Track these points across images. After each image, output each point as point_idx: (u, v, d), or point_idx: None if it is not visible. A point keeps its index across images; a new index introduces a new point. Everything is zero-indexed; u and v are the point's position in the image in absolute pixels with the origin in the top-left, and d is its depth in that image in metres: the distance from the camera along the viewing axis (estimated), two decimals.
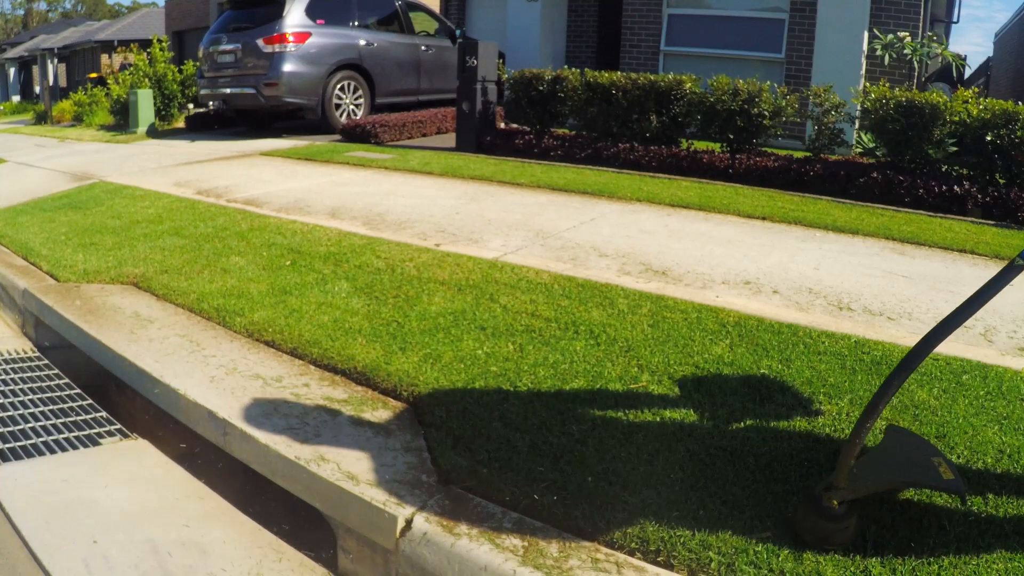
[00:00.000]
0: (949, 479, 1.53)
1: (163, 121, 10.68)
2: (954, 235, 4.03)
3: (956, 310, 1.48)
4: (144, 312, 2.78)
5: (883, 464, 1.64)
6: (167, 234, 3.91)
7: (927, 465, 1.58)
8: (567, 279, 3.03)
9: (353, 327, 2.50)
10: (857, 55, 7.72)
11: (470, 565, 1.42)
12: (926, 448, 1.66)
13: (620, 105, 6.29)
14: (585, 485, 1.61)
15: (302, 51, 8.24)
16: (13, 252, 3.84)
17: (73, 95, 14.50)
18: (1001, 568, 1.36)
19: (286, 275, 3.10)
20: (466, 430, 1.83)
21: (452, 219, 4.19)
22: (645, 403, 1.96)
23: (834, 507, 1.48)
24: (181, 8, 20.34)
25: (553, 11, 10.81)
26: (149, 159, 7.25)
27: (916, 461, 1.61)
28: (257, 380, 2.17)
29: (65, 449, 2.11)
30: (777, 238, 3.87)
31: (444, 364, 2.19)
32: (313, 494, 1.71)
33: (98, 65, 24.16)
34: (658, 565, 1.39)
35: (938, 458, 1.60)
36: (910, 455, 1.64)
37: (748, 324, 2.53)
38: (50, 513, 1.79)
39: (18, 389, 2.52)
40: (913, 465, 1.61)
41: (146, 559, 1.63)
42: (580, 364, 2.21)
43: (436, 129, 8.56)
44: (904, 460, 1.64)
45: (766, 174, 5.50)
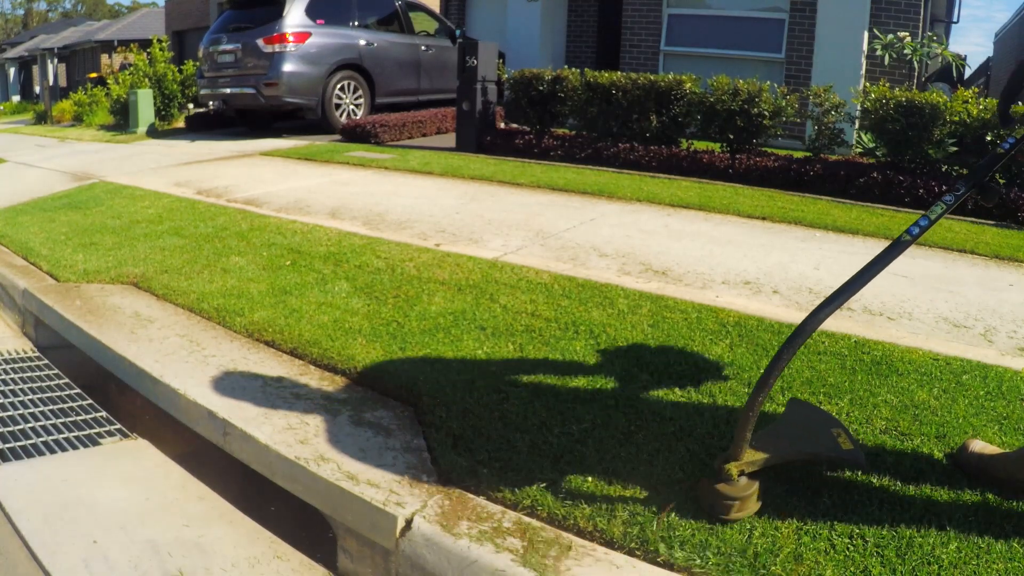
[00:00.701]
0: (848, 449, 1.56)
1: (163, 121, 10.68)
2: (954, 235, 4.03)
3: (847, 283, 1.53)
4: (144, 312, 2.78)
5: (782, 436, 1.67)
6: (167, 234, 3.91)
7: (826, 436, 1.61)
8: (567, 279, 3.03)
9: (353, 327, 2.50)
10: (857, 55, 7.72)
11: (470, 565, 1.42)
12: (827, 420, 1.68)
13: (620, 105, 6.29)
14: (585, 485, 1.61)
15: (302, 51, 8.24)
16: (13, 252, 3.84)
17: (73, 95, 14.50)
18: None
19: (286, 275, 3.10)
20: (466, 430, 1.83)
21: (452, 219, 4.19)
22: (645, 403, 1.96)
23: (733, 478, 1.51)
24: (181, 8, 20.34)
25: (553, 11, 10.80)
26: (149, 159, 7.25)
27: (816, 433, 1.64)
28: (257, 380, 2.17)
29: (65, 449, 2.11)
30: (777, 238, 3.87)
31: (444, 364, 2.19)
32: (313, 494, 1.71)
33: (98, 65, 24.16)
34: (658, 565, 1.39)
35: (838, 429, 1.62)
36: (810, 427, 1.66)
37: (748, 324, 2.53)
38: (50, 513, 1.79)
39: (18, 389, 2.52)
40: (812, 437, 1.63)
41: (146, 559, 1.63)
42: (580, 364, 2.21)
43: (436, 129, 8.56)
44: (804, 432, 1.66)
45: (766, 174, 5.50)
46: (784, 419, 1.73)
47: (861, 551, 1.40)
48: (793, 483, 1.61)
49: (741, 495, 1.51)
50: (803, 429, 1.67)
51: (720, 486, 1.52)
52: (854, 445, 1.57)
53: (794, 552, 1.39)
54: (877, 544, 1.41)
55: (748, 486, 1.52)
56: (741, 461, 1.52)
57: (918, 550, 1.40)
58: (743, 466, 1.52)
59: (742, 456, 1.52)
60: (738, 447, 1.52)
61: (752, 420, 1.50)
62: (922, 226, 1.52)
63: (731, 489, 1.51)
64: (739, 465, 1.52)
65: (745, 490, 1.51)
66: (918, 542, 1.42)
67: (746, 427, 1.50)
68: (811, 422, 1.68)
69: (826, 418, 1.69)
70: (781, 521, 1.49)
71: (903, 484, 1.60)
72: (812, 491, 1.58)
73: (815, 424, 1.66)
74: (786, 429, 1.69)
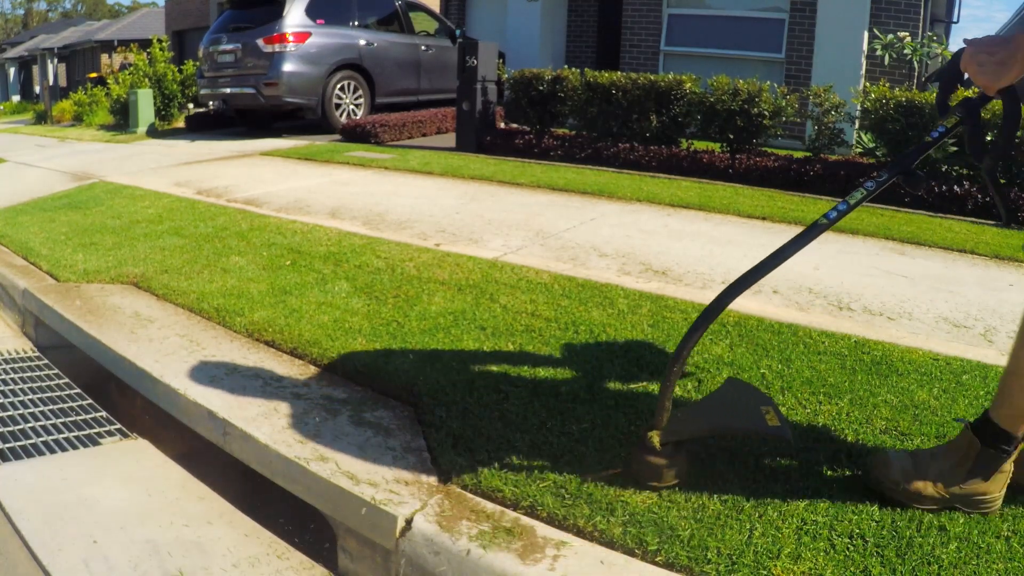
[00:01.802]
0: (774, 426, 1.59)
1: (163, 121, 10.68)
2: (954, 235, 4.03)
3: (761, 262, 1.58)
4: (144, 312, 2.78)
5: (709, 410, 1.74)
6: (167, 234, 3.91)
7: (754, 412, 1.64)
8: (567, 279, 3.03)
9: (353, 327, 2.50)
10: (857, 55, 7.72)
11: (470, 565, 1.42)
12: (758, 398, 1.70)
13: (620, 105, 6.29)
14: (585, 485, 1.61)
15: (302, 51, 8.25)
16: (13, 252, 3.84)
17: (73, 95, 14.51)
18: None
19: (286, 275, 3.10)
20: (466, 430, 1.83)
21: (452, 219, 4.19)
22: (645, 403, 1.96)
23: (656, 447, 1.58)
24: (181, 8, 20.34)
25: (553, 11, 10.81)
26: (149, 159, 7.25)
27: (744, 408, 1.67)
28: (257, 380, 2.17)
29: (65, 449, 2.11)
30: (777, 238, 3.87)
31: (444, 364, 2.19)
32: (313, 494, 1.71)
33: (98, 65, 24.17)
34: (657, 565, 1.39)
35: (767, 407, 1.65)
36: (739, 403, 1.70)
37: (748, 324, 2.53)
38: (50, 513, 1.79)
39: (18, 389, 2.52)
40: (739, 412, 1.67)
41: (146, 559, 1.63)
42: (580, 364, 2.21)
43: (436, 129, 8.56)
44: (732, 407, 1.70)
45: (766, 174, 5.51)
46: (716, 394, 1.79)
47: (861, 551, 1.40)
48: (792, 482, 1.61)
49: (667, 463, 1.59)
50: (732, 404, 1.71)
51: (645, 455, 1.60)
52: (781, 423, 1.60)
53: (793, 552, 1.39)
54: (877, 544, 1.41)
55: (674, 454, 1.59)
56: (665, 431, 1.59)
57: (918, 550, 1.40)
58: (667, 436, 1.59)
59: (664, 425, 1.60)
60: (659, 416, 1.60)
61: (670, 390, 1.57)
62: (840, 211, 1.56)
63: (656, 458, 1.59)
64: (663, 435, 1.59)
65: (670, 458, 1.59)
66: (918, 542, 1.42)
67: (665, 397, 1.57)
68: (742, 398, 1.72)
69: (758, 396, 1.72)
70: (776, 517, 1.49)
71: None
72: (812, 490, 1.58)
73: (745, 400, 1.70)
74: (715, 403, 1.75)
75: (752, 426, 1.62)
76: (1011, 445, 1.49)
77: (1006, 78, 1.38)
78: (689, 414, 1.71)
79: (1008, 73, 1.38)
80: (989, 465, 1.49)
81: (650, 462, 1.59)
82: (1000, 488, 1.51)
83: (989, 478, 1.49)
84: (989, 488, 1.50)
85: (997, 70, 1.38)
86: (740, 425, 1.66)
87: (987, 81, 1.41)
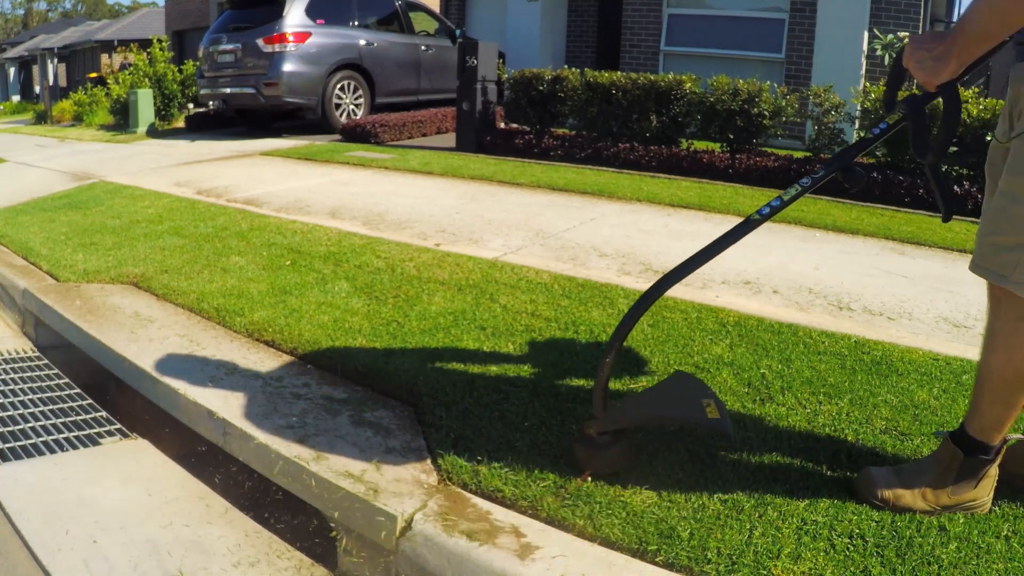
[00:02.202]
0: (713, 418, 1.61)
1: (163, 121, 10.68)
2: (954, 235, 4.03)
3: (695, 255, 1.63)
4: (144, 312, 2.78)
5: (650, 400, 1.76)
6: (167, 234, 3.91)
7: (694, 404, 1.66)
8: (567, 279, 3.03)
9: (353, 327, 2.50)
10: (857, 55, 7.72)
11: (470, 565, 1.42)
12: (701, 391, 1.71)
13: (620, 105, 6.29)
14: (585, 485, 1.61)
15: (302, 51, 8.25)
16: (13, 252, 3.84)
17: (73, 95, 14.51)
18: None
19: (286, 275, 3.10)
20: (466, 430, 1.83)
21: (452, 219, 4.19)
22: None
23: (594, 436, 1.62)
24: (181, 8, 20.34)
25: (553, 11, 10.81)
26: (149, 159, 7.25)
27: (684, 400, 1.68)
28: (257, 380, 2.17)
29: (65, 449, 2.11)
30: (777, 238, 3.87)
31: (444, 364, 2.19)
32: (313, 494, 1.71)
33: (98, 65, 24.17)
34: (657, 565, 1.39)
35: (709, 400, 1.66)
36: (681, 395, 1.71)
37: (748, 324, 2.53)
38: (50, 513, 1.79)
39: (18, 389, 2.52)
40: (679, 403, 1.69)
41: (146, 559, 1.63)
42: (580, 364, 2.21)
43: (436, 129, 8.56)
44: (673, 399, 1.72)
45: (766, 174, 5.51)
46: (659, 385, 1.81)
47: (861, 551, 1.40)
48: (792, 482, 1.61)
49: (605, 452, 1.62)
50: (673, 396, 1.73)
51: (583, 443, 1.64)
52: (721, 415, 1.61)
53: (793, 552, 1.39)
54: (877, 544, 1.41)
55: (613, 444, 1.63)
56: (602, 420, 1.62)
57: (918, 550, 1.40)
58: (604, 425, 1.62)
59: (603, 416, 1.62)
60: (598, 408, 1.62)
61: (605, 380, 1.59)
62: (774, 207, 1.57)
63: (593, 446, 1.63)
64: (600, 424, 1.62)
65: (608, 446, 1.62)
66: (918, 542, 1.42)
67: (600, 388, 1.60)
68: (684, 391, 1.73)
69: (701, 389, 1.74)
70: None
71: None
72: (812, 490, 1.58)
73: (687, 393, 1.71)
74: (657, 394, 1.77)
75: (691, 417, 1.64)
76: (990, 454, 1.50)
77: (944, 74, 1.37)
78: (629, 404, 1.74)
79: (945, 69, 1.37)
80: (974, 473, 1.50)
81: (587, 450, 1.63)
82: (988, 492, 1.52)
83: (977, 485, 1.50)
84: (978, 494, 1.51)
85: (935, 66, 1.38)
86: (679, 415, 1.68)
87: (926, 77, 1.40)
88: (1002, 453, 1.51)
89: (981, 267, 1.43)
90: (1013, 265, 1.36)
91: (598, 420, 1.62)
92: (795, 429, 1.83)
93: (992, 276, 1.41)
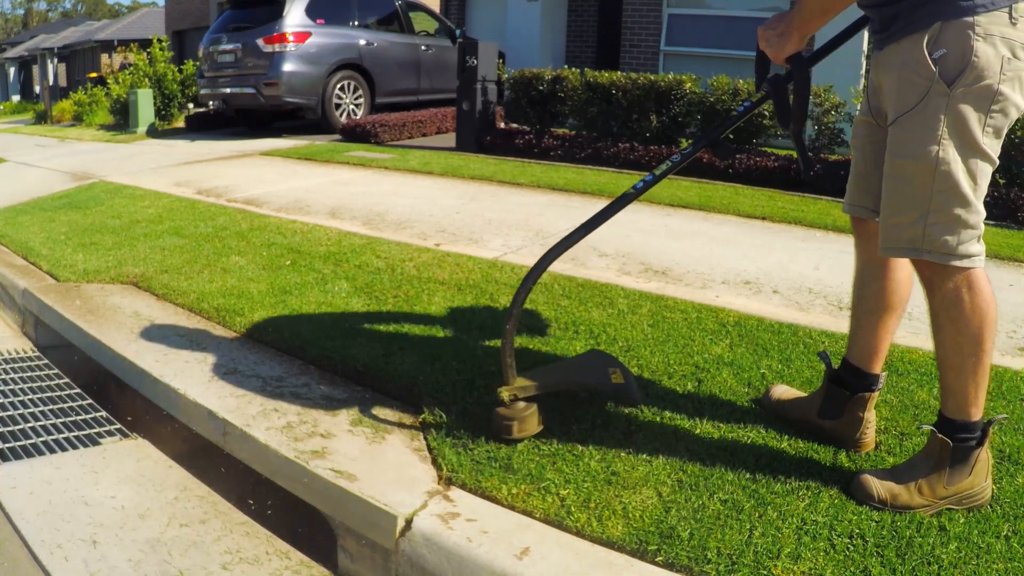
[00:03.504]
0: (618, 383, 1.72)
1: (163, 121, 10.68)
2: None
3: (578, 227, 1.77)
4: (144, 312, 2.78)
5: (559, 370, 1.89)
6: (167, 234, 3.91)
7: (600, 372, 1.77)
8: (567, 279, 3.03)
9: (353, 327, 2.50)
10: (857, 55, 7.72)
11: (469, 565, 1.42)
12: (610, 362, 1.80)
13: (620, 105, 6.29)
14: (584, 486, 1.61)
15: (302, 51, 8.25)
16: (13, 252, 3.84)
17: (73, 95, 14.52)
18: None
19: (286, 275, 3.10)
20: (466, 430, 1.83)
21: (452, 219, 4.19)
22: (645, 403, 1.95)
23: (507, 402, 1.74)
24: (181, 8, 20.34)
25: (553, 11, 10.81)
26: (149, 159, 7.25)
27: (592, 369, 1.79)
28: (257, 380, 2.17)
29: (65, 449, 2.11)
30: (777, 238, 3.87)
31: (444, 364, 2.19)
32: (313, 494, 1.71)
33: (98, 65, 24.18)
34: (657, 565, 1.39)
35: (615, 368, 1.76)
36: (590, 365, 1.81)
37: (748, 324, 2.53)
38: (50, 513, 1.79)
39: (18, 389, 2.52)
40: (586, 371, 1.80)
41: (146, 559, 1.63)
42: None
43: (436, 129, 8.56)
44: (581, 368, 1.83)
45: (766, 174, 5.50)
46: (573, 358, 1.95)
47: (861, 551, 1.40)
48: (792, 482, 1.61)
49: (519, 417, 1.73)
50: (583, 366, 1.84)
51: (499, 409, 1.74)
52: (626, 381, 1.71)
53: (793, 552, 1.39)
54: (877, 544, 1.41)
55: (525, 409, 1.74)
56: (512, 386, 1.73)
57: (918, 550, 1.40)
58: (514, 391, 1.73)
59: (513, 382, 1.74)
60: (506, 375, 1.74)
61: (508, 348, 1.71)
62: (647, 181, 1.71)
63: (509, 412, 1.73)
64: (510, 390, 1.73)
65: (522, 413, 1.74)
66: (918, 542, 1.42)
67: (506, 355, 1.72)
68: (594, 362, 1.82)
69: (610, 361, 1.82)
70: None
71: None
72: (812, 490, 1.58)
73: (596, 363, 1.80)
74: (567, 365, 1.91)
75: (595, 382, 1.75)
76: (974, 432, 1.53)
77: (788, 47, 1.55)
78: (539, 373, 1.85)
79: (788, 43, 1.55)
80: (965, 459, 1.53)
81: (503, 416, 1.74)
82: (984, 478, 1.54)
83: (971, 472, 1.53)
84: (974, 482, 1.53)
85: (779, 42, 1.56)
86: (584, 381, 1.79)
87: (773, 53, 1.58)
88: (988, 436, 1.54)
89: (892, 248, 1.52)
90: (920, 237, 1.46)
91: (508, 387, 1.73)
92: (795, 429, 1.83)
93: (905, 253, 1.50)
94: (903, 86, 1.46)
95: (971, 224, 1.45)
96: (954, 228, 1.44)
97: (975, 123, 1.41)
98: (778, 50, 1.57)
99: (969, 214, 1.44)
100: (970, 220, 1.44)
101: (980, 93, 1.39)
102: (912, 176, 1.45)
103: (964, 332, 1.49)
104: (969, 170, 1.43)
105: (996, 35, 1.37)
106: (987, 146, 1.44)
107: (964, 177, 1.43)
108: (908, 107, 1.45)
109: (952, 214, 1.44)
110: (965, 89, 1.39)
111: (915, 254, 1.48)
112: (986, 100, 1.40)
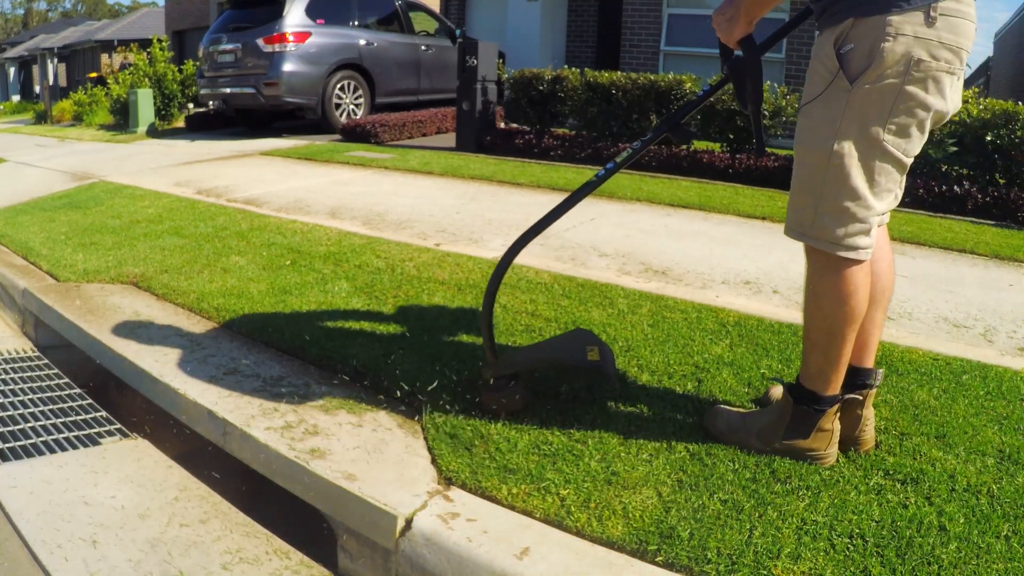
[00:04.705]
0: (593, 360, 1.78)
1: (163, 121, 10.68)
2: (954, 235, 4.03)
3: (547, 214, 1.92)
4: (144, 311, 2.78)
5: (538, 349, 1.98)
6: (167, 234, 3.91)
7: (577, 350, 1.82)
8: (567, 279, 3.03)
9: (353, 327, 2.50)
10: None
11: (470, 565, 1.42)
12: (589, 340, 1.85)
13: (620, 105, 6.30)
14: (584, 486, 1.61)
15: (302, 51, 8.25)
16: (13, 252, 3.84)
17: (73, 95, 14.52)
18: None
19: (286, 275, 3.10)
20: (466, 430, 1.83)
21: (452, 219, 4.19)
22: (645, 402, 1.95)
23: (489, 381, 1.85)
24: (181, 8, 20.34)
25: (553, 11, 10.81)
26: (149, 159, 7.25)
27: (570, 347, 1.85)
28: (257, 380, 2.17)
29: (65, 449, 2.11)
30: (777, 238, 3.87)
31: (444, 364, 2.19)
32: (313, 494, 1.71)
33: (98, 65, 24.18)
34: (657, 565, 1.39)
35: (593, 347, 1.81)
36: (570, 344, 1.87)
37: (748, 324, 2.53)
38: (50, 513, 1.79)
39: (18, 389, 2.52)
40: (564, 349, 1.87)
41: (146, 559, 1.63)
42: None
43: (436, 129, 8.56)
44: (560, 347, 1.90)
45: (766, 174, 5.51)
46: (554, 338, 2.04)
47: (861, 551, 1.40)
48: (792, 482, 1.61)
49: (504, 395, 1.84)
50: (562, 345, 1.90)
51: (487, 389, 1.85)
52: (603, 359, 1.77)
53: (793, 552, 1.39)
54: (877, 544, 1.41)
55: (506, 387, 1.84)
56: (492, 364, 1.84)
57: (918, 550, 1.40)
58: (495, 369, 1.84)
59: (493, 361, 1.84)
60: (488, 355, 1.85)
61: (488, 331, 1.82)
62: (609, 169, 1.78)
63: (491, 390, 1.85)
64: (489, 368, 1.84)
65: (503, 390, 1.84)
66: (918, 542, 1.42)
67: (487, 337, 1.83)
68: (574, 341, 1.87)
69: (590, 338, 1.86)
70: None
71: (902, 485, 1.60)
72: (812, 491, 1.58)
73: (576, 342, 1.85)
74: (546, 344, 2.00)
75: (572, 359, 1.81)
76: (820, 404, 1.61)
77: (737, 31, 1.59)
78: (519, 352, 1.97)
79: (737, 26, 1.59)
80: (805, 422, 1.62)
81: (489, 394, 1.85)
82: (827, 446, 1.63)
83: (808, 436, 1.63)
84: (812, 445, 1.63)
85: (729, 26, 1.60)
86: (561, 358, 1.86)
87: (725, 37, 1.62)
88: (837, 411, 1.63)
89: (792, 229, 1.62)
90: (809, 223, 1.55)
91: (491, 366, 1.84)
92: None
93: (795, 235, 1.60)
94: (812, 76, 1.52)
95: (860, 218, 1.50)
96: (842, 219, 1.50)
97: (875, 120, 1.44)
98: (728, 34, 1.61)
99: (858, 208, 1.49)
100: (859, 214, 1.49)
101: (884, 91, 1.41)
102: (809, 164, 1.52)
103: (827, 319, 1.57)
104: (865, 166, 1.47)
105: (909, 35, 1.38)
106: (890, 144, 1.46)
107: (858, 172, 1.47)
108: (811, 97, 1.51)
109: (841, 206, 1.49)
110: (870, 86, 1.41)
111: (804, 239, 1.57)
112: (889, 99, 1.42)
